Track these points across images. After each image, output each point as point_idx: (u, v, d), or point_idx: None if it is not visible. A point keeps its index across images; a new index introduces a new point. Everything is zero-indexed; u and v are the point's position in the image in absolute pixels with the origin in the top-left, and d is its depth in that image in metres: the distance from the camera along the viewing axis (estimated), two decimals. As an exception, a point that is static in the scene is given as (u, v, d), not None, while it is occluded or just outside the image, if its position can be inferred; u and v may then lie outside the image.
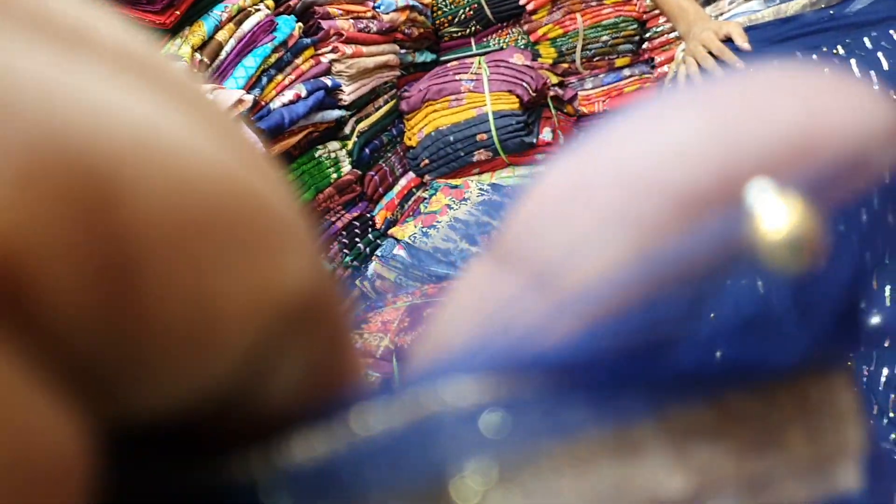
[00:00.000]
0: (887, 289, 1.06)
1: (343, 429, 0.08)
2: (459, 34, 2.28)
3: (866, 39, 1.06)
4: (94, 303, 0.07)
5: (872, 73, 1.03)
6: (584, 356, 0.08)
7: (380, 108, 1.98)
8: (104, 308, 0.07)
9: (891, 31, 1.05)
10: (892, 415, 1.10)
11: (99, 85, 0.07)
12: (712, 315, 0.08)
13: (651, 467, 0.08)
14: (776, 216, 0.08)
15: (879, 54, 1.03)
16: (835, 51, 1.07)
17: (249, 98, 1.26)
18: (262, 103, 1.44)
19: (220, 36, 1.38)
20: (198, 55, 1.32)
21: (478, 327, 0.09)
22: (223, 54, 1.39)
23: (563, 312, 0.09)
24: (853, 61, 1.04)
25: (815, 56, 1.08)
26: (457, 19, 2.24)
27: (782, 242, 0.08)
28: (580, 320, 0.09)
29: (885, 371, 1.10)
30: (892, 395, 1.10)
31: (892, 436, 1.08)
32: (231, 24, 1.41)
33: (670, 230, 0.09)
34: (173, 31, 1.32)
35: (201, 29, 1.35)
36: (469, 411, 0.08)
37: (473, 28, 2.26)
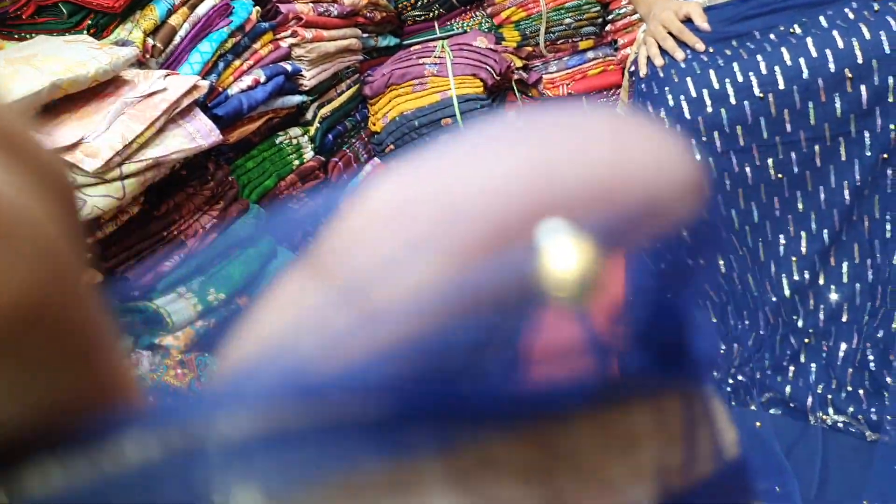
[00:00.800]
0: (844, 265, 1.08)
1: (90, 459, 0.08)
2: (422, 18, 2.26)
3: (822, 18, 1.07)
4: None
5: (828, 51, 1.04)
6: (376, 380, 0.08)
7: (342, 92, 1.95)
8: None
9: (846, 10, 1.06)
10: (849, 389, 1.12)
11: None
12: (507, 348, 0.09)
13: (430, 502, 0.08)
14: (567, 255, 0.09)
15: (835, 33, 1.05)
16: (791, 30, 1.08)
17: (205, 84, 1.23)
18: (220, 89, 1.40)
19: (174, 20, 1.34)
20: (150, 40, 1.28)
21: (278, 338, 0.09)
22: (177, 39, 1.35)
23: (363, 329, 0.09)
24: (809, 40, 1.06)
25: (772, 35, 1.09)
26: (420, 3, 2.22)
27: (571, 280, 0.09)
28: (379, 339, 0.09)
29: (843, 346, 1.12)
30: (850, 370, 1.12)
31: (850, 409, 1.11)
32: (184, 8, 1.37)
33: (477, 260, 0.09)
34: (123, 15, 1.28)
35: (153, 13, 1.30)
36: (239, 442, 0.08)
37: (436, 11, 2.23)
